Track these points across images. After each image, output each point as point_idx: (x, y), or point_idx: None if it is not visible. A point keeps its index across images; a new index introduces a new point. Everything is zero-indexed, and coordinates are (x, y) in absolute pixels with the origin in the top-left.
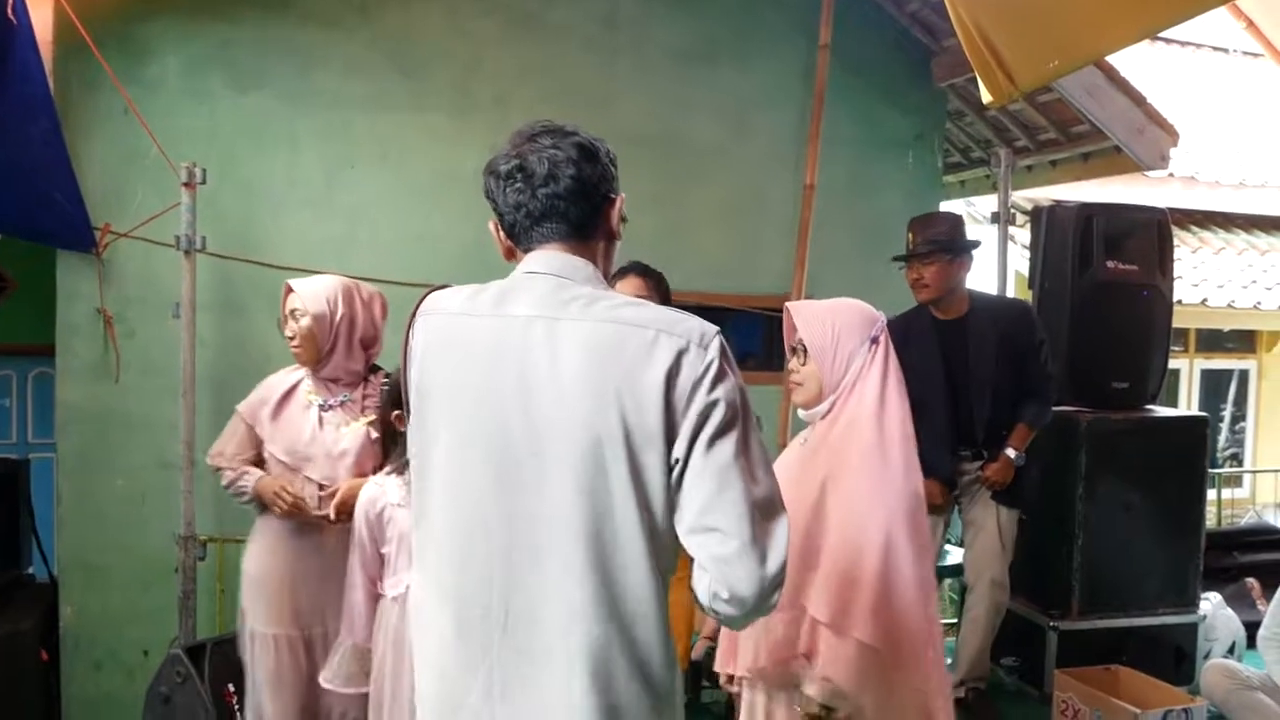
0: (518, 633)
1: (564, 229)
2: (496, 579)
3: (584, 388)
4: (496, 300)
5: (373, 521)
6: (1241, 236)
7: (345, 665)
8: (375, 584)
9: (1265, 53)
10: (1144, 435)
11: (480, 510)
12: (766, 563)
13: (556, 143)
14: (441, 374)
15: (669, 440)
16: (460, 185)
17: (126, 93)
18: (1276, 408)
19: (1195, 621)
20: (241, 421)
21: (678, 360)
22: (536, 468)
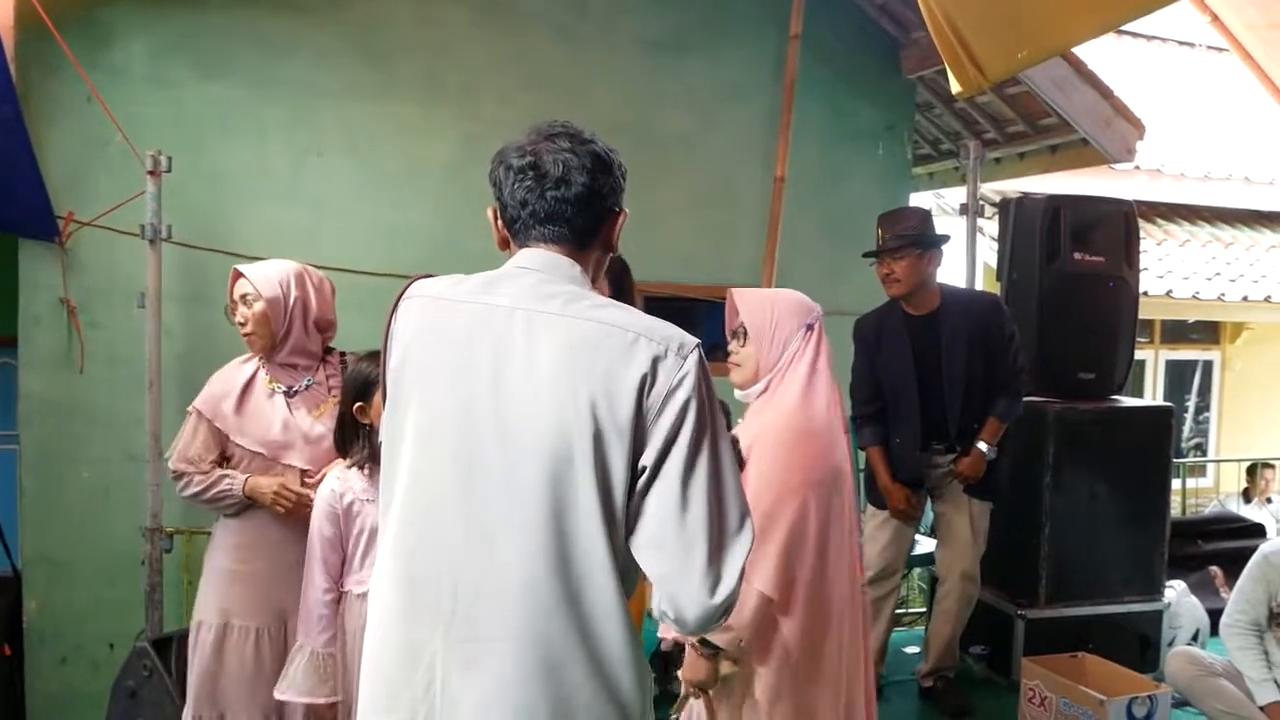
0: (466, 618)
1: (564, 233)
2: (447, 562)
3: (558, 382)
4: (480, 288)
5: (339, 515)
6: (1206, 229)
7: (304, 674)
8: (336, 582)
9: (1229, 47)
10: (1110, 425)
11: (439, 491)
12: (715, 592)
13: (573, 147)
14: (418, 355)
15: (637, 445)
16: (430, 175)
17: (90, 79)
18: (1240, 398)
19: (1160, 609)
20: (201, 420)
21: (654, 366)
22: (500, 455)
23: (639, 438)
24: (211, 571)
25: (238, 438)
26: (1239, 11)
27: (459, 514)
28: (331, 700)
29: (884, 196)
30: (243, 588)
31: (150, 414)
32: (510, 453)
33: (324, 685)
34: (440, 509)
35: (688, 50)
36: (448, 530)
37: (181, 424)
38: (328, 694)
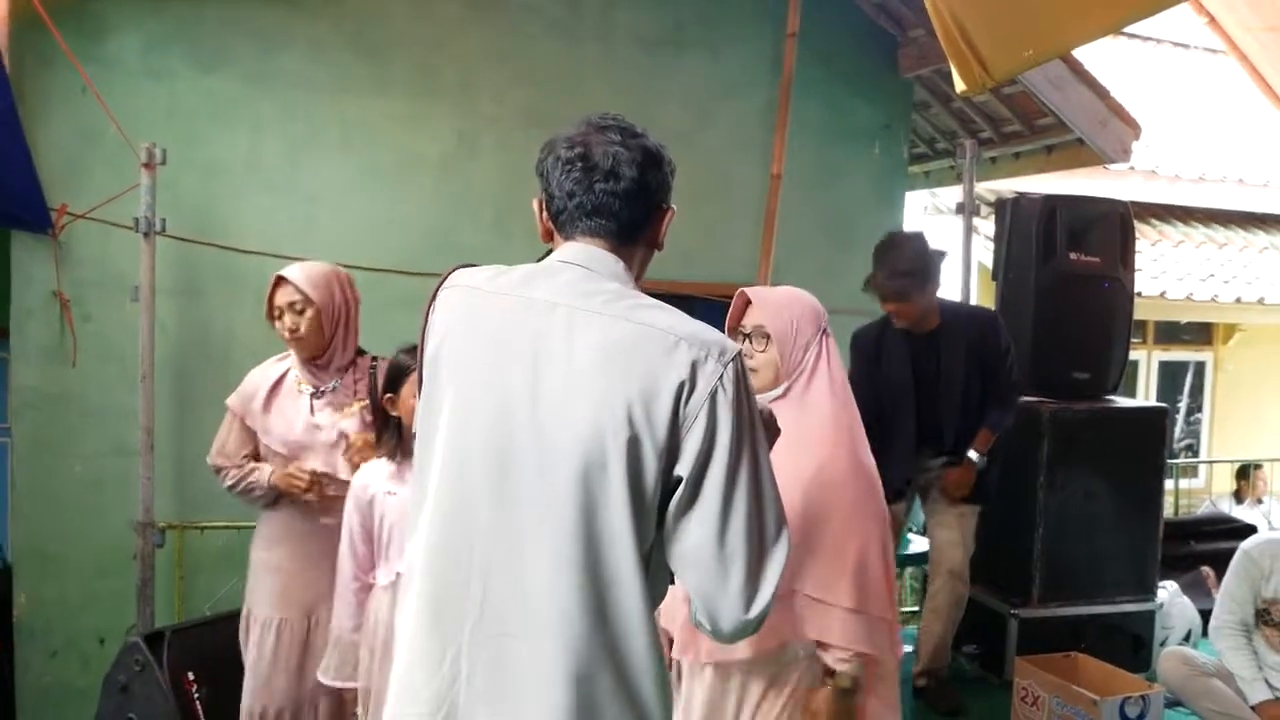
0: (494, 614)
1: (612, 227)
2: (478, 558)
3: (597, 382)
4: (522, 281)
5: (364, 508)
6: (1200, 230)
7: (338, 658)
8: (365, 573)
9: (1226, 49)
10: (1105, 425)
11: (471, 486)
12: (752, 607)
13: (625, 140)
14: (454, 346)
15: (672, 452)
16: (424, 169)
17: (84, 71)
18: (1232, 399)
19: (1153, 610)
20: (234, 417)
21: (694, 371)
22: (535, 452)
23: (675, 444)
24: (250, 565)
25: (263, 436)
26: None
27: (491, 510)
28: (351, 686)
29: (880, 195)
30: (269, 580)
31: (143, 407)
32: (545, 451)
33: (350, 672)
34: (472, 504)
35: (685, 47)
36: (479, 526)
37: (179, 418)
38: (352, 680)
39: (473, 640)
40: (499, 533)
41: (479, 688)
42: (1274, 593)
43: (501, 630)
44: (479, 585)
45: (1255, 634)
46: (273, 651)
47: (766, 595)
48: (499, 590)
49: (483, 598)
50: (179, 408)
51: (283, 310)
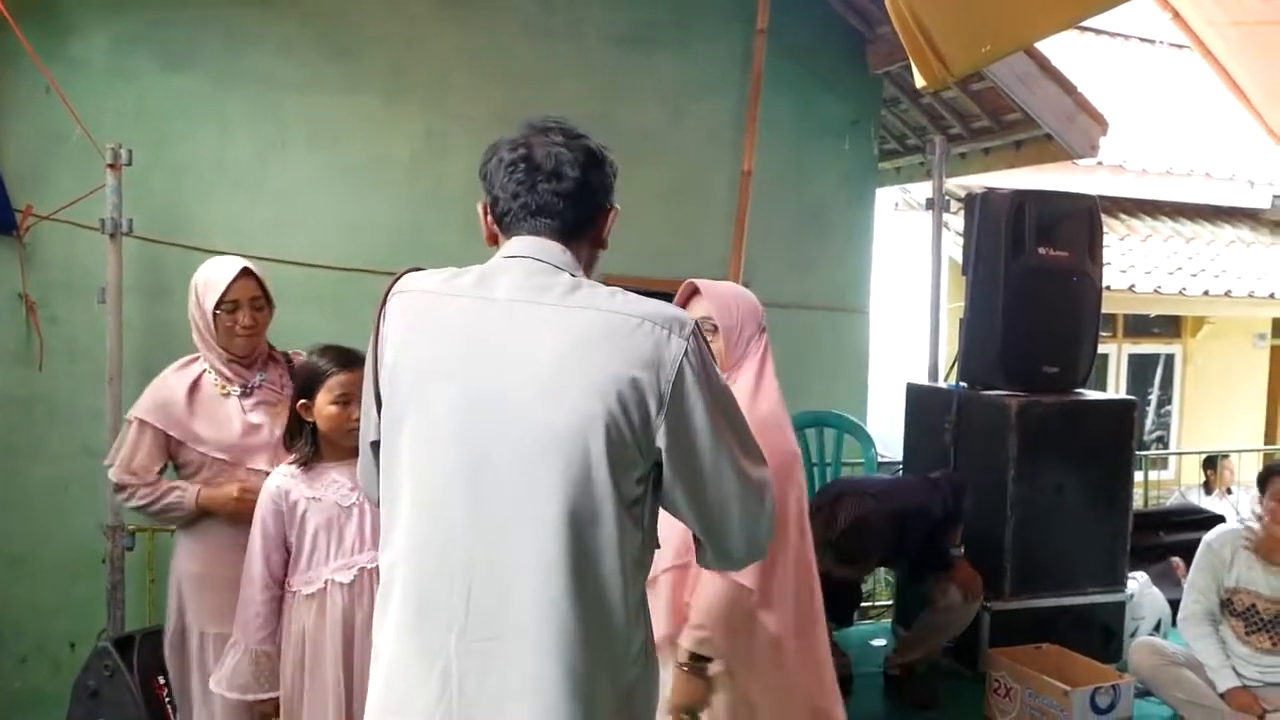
0: (480, 618)
1: (556, 225)
2: (459, 563)
3: (568, 376)
4: (477, 282)
5: (284, 513)
6: (1168, 224)
7: (238, 672)
8: (277, 581)
9: (1190, 44)
10: (1074, 418)
11: (446, 493)
12: (757, 535)
13: (566, 141)
14: (415, 353)
15: (649, 432)
16: (395, 168)
17: (49, 71)
18: (1201, 391)
19: (1123, 600)
20: (146, 429)
21: (659, 350)
22: (510, 452)
23: (650, 424)
24: (179, 578)
25: (196, 444)
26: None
27: (468, 514)
28: (269, 697)
29: (851, 191)
30: (210, 595)
31: (111, 409)
32: (520, 450)
33: (261, 684)
34: (449, 511)
35: (656, 45)
36: (457, 532)
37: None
38: (265, 691)
39: (459, 648)
40: (479, 537)
41: (470, 694)
42: (1235, 582)
43: (489, 634)
44: (462, 592)
45: (1223, 624)
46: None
47: (768, 521)
48: (483, 595)
49: (467, 605)
50: None
51: (239, 304)
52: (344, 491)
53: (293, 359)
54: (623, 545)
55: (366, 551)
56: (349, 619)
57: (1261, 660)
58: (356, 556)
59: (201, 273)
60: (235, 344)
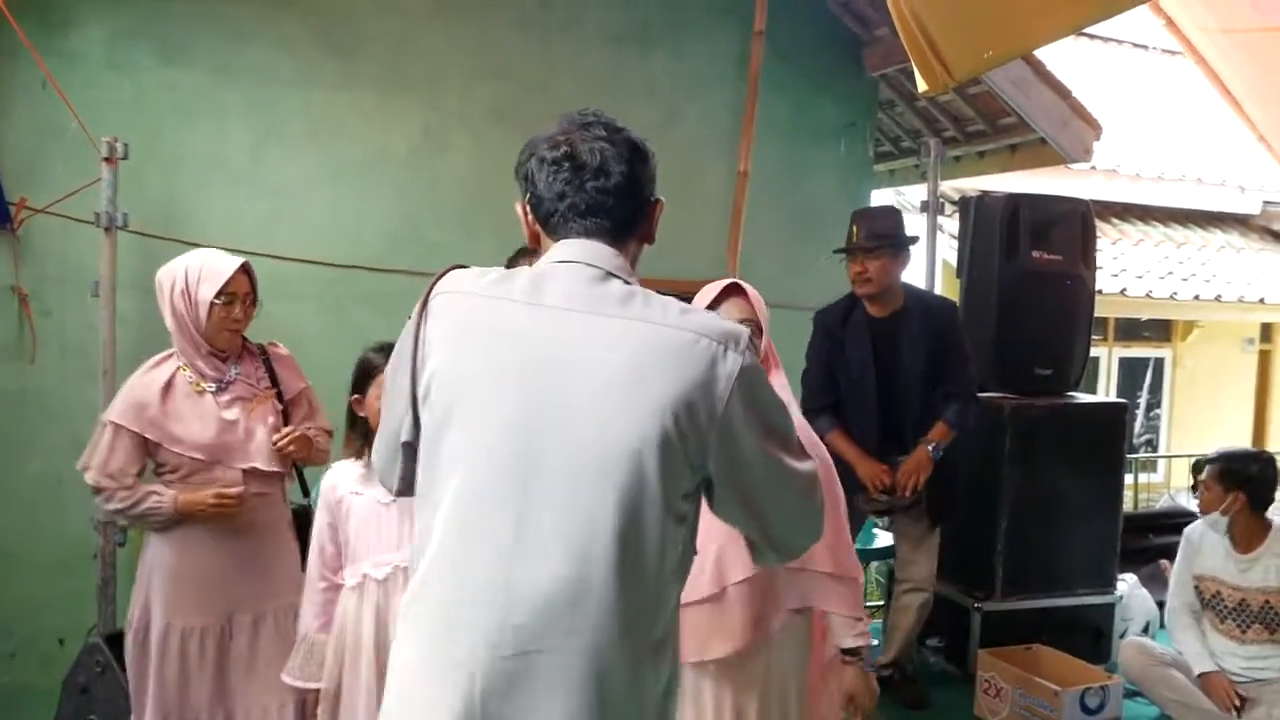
0: (514, 633)
1: (606, 225)
2: (498, 575)
3: (626, 394)
4: (530, 288)
5: (332, 508)
6: (1159, 228)
7: (302, 659)
8: (333, 573)
9: (1184, 50)
10: (1066, 421)
11: (490, 504)
12: (811, 528)
13: (610, 136)
14: (463, 358)
15: (703, 448)
16: (391, 164)
17: (45, 65)
18: (1190, 395)
19: (1112, 602)
20: (122, 431)
21: (714, 366)
22: (561, 466)
23: (705, 440)
24: (149, 572)
25: (172, 445)
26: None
27: (512, 527)
28: (317, 687)
29: (846, 193)
30: (184, 587)
31: (104, 404)
32: (574, 467)
33: (316, 672)
34: (492, 521)
35: (652, 44)
36: (499, 545)
37: (95, 433)
38: (318, 680)
39: (489, 661)
40: (522, 551)
41: (493, 711)
42: (1201, 569)
43: (523, 648)
44: (498, 606)
45: (1203, 618)
46: (197, 660)
47: (819, 521)
48: (520, 611)
49: (502, 619)
50: None
51: (236, 297)
52: None
53: (269, 350)
54: (664, 559)
55: (403, 549)
56: (383, 614)
57: (1238, 651)
58: (392, 554)
59: (191, 261)
60: (221, 337)
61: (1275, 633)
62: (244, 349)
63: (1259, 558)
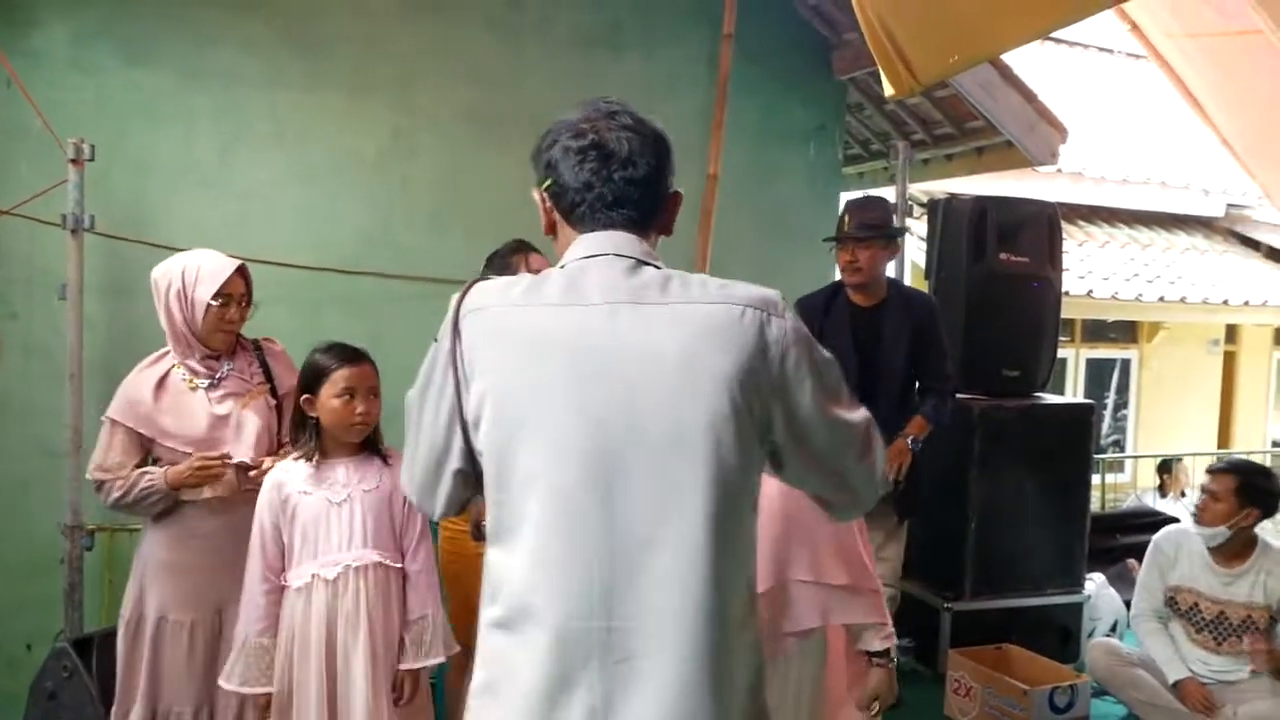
0: (623, 637)
1: (633, 216)
2: (597, 582)
3: (694, 374)
4: (566, 290)
5: (276, 508)
6: (1125, 231)
7: (242, 663)
8: (275, 574)
9: (1148, 55)
10: (1034, 422)
11: (579, 512)
12: (875, 473)
13: (637, 126)
14: (515, 374)
15: (767, 417)
16: (360, 167)
17: (9, 64)
18: (1156, 396)
19: (1080, 601)
20: (119, 427)
21: (764, 333)
22: (644, 459)
23: (768, 408)
24: (144, 565)
25: (164, 439)
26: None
27: (604, 531)
28: (265, 692)
29: (815, 195)
30: (176, 581)
31: (71, 407)
32: (653, 456)
33: (260, 677)
34: (586, 531)
35: (623, 46)
36: (594, 550)
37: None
38: (265, 685)
39: (603, 668)
40: (619, 553)
41: (619, 713)
42: (1178, 580)
43: (631, 653)
44: (602, 613)
45: (1172, 623)
46: (187, 653)
47: (880, 460)
48: (624, 614)
49: (608, 625)
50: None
51: (230, 300)
52: (337, 487)
53: (263, 345)
54: (751, 537)
55: (354, 549)
56: (332, 615)
57: (1209, 660)
58: (342, 553)
59: (189, 262)
60: (216, 339)
61: None
62: (238, 345)
63: (1245, 572)
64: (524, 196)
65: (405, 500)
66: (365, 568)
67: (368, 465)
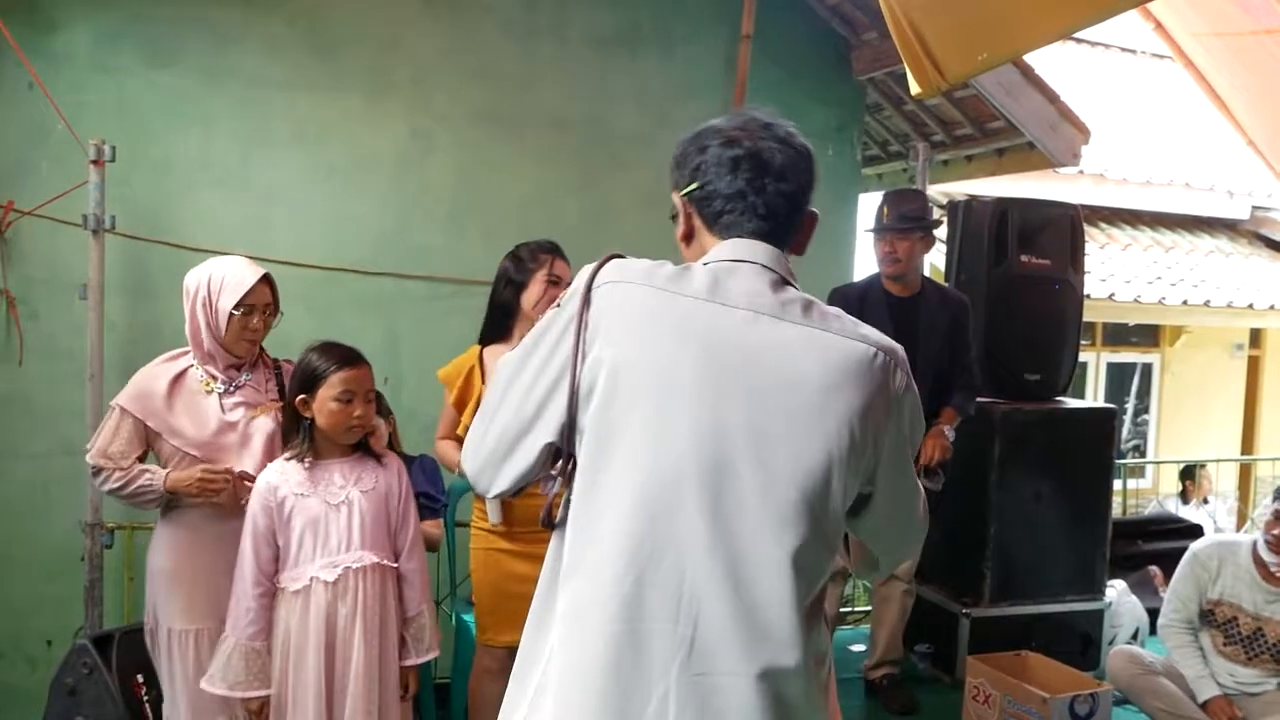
0: (703, 650)
1: (776, 230)
2: (689, 587)
3: (819, 400)
4: (711, 286)
5: (272, 509)
6: (1147, 233)
7: (230, 667)
8: (268, 577)
9: (1172, 54)
10: (1055, 426)
11: (679, 508)
12: (918, 542)
13: (790, 140)
14: (649, 351)
15: (873, 460)
16: (378, 167)
17: (32, 66)
18: (1178, 401)
19: (1101, 608)
20: (126, 417)
21: (889, 382)
22: (757, 472)
23: (878, 452)
24: (152, 575)
25: (170, 437)
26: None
27: (705, 537)
28: (261, 695)
29: (834, 196)
30: (181, 591)
31: (91, 407)
32: (767, 470)
33: (254, 680)
34: (681, 528)
35: (640, 47)
36: (694, 560)
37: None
38: (258, 688)
39: (680, 679)
40: (716, 563)
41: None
42: (1219, 594)
43: (708, 668)
44: (688, 621)
45: (1202, 633)
46: (195, 662)
47: (923, 531)
48: (710, 624)
49: (693, 633)
50: None
51: (255, 308)
52: (333, 489)
53: (282, 366)
54: (827, 573)
55: (353, 550)
56: (332, 617)
57: (1237, 671)
58: (342, 555)
59: (214, 270)
60: (240, 347)
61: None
62: (259, 358)
63: None
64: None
65: (400, 499)
66: (364, 569)
67: (362, 466)
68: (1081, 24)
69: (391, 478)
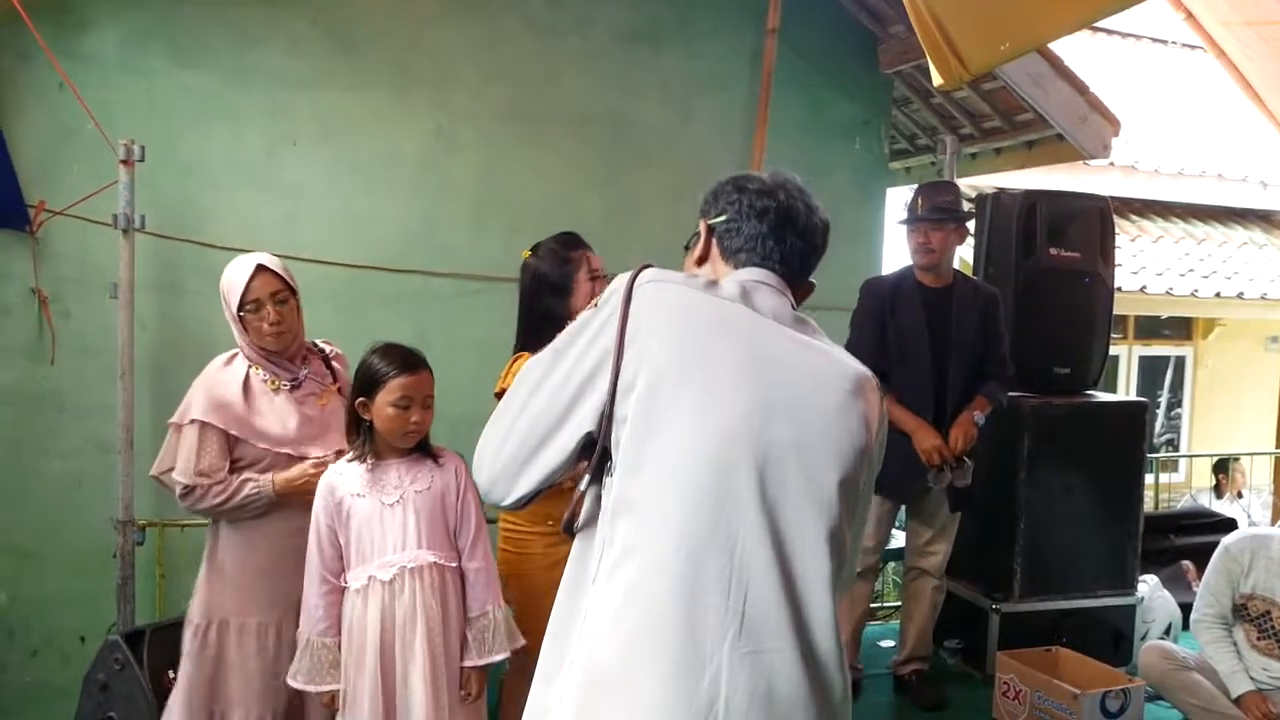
0: (752, 628)
1: (787, 275)
2: (739, 567)
3: (845, 401)
4: (740, 294)
5: (331, 511)
6: (1179, 225)
7: (304, 661)
8: (334, 575)
9: (1203, 44)
10: (1085, 420)
11: (730, 494)
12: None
13: (817, 210)
14: (691, 347)
15: (869, 476)
16: (403, 164)
17: (61, 67)
18: (1211, 394)
19: (1133, 603)
20: (210, 429)
21: (877, 406)
22: (800, 463)
23: (870, 469)
24: (217, 569)
25: (259, 441)
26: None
27: (755, 514)
28: (330, 689)
29: (861, 191)
30: (251, 585)
31: (122, 404)
32: (810, 462)
33: (325, 675)
34: (732, 512)
35: (664, 42)
36: (744, 537)
37: (169, 438)
38: (329, 683)
39: (731, 655)
40: (764, 546)
41: (739, 706)
42: (1251, 588)
43: (757, 646)
44: (739, 599)
45: (1235, 628)
46: (257, 655)
47: None
48: (759, 604)
49: (742, 610)
50: (158, 405)
51: (262, 302)
52: (389, 489)
53: (324, 349)
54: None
55: (408, 550)
56: (389, 616)
57: (1271, 665)
58: (397, 555)
59: (223, 277)
60: (268, 341)
61: None
62: (308, 350)
63: None
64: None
65: (459, 498)
66: (421, 568)
67: (419, 466)
68: (1103, 13)
69: (449, 477)
